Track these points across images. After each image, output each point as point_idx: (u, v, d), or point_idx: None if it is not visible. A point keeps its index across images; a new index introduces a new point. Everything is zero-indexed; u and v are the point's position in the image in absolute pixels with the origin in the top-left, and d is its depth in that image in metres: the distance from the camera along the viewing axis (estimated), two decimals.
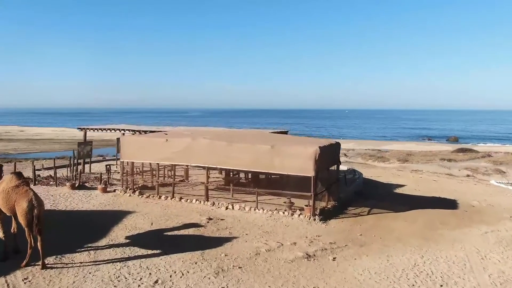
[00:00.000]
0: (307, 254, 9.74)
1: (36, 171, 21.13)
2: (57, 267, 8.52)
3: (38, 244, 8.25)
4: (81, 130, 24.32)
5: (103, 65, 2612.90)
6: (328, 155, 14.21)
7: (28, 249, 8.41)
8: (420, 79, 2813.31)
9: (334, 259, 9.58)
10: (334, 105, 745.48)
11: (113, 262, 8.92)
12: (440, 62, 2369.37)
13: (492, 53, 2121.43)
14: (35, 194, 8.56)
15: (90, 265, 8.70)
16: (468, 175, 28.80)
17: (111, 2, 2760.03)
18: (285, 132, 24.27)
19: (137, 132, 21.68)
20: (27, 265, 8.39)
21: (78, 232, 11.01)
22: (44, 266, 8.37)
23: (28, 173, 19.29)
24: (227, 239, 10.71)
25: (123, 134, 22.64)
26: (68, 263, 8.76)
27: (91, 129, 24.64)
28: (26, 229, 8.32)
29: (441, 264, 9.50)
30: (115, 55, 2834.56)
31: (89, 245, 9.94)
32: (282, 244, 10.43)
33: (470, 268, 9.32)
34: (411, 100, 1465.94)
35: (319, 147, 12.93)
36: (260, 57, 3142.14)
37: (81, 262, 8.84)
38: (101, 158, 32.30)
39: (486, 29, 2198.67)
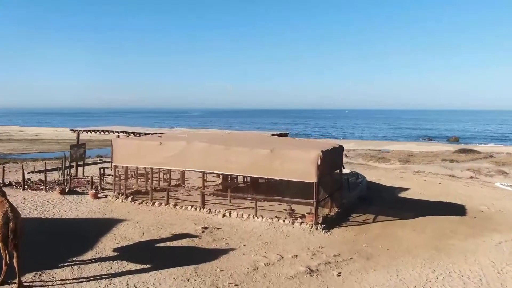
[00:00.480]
0: (309, 269, 8.98)
1: (28, 174, 20.42)
2: (35, 285, 7.77)
3: (14, 260, 7.48)
4: (74, 132, 23.55)
5: (103, 65, 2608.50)
6: (331, 159, 13.45)
7: (3, 266, 7.66)
8: (420, 79, 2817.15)
9: (339, 274, 8.83)
10: (334, 105, 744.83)
11: (97, 279, 8.16)
12: (440, 62, 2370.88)
13: (492, 53, 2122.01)
14: (11, 205, 7.80)
15: (72, 283, 7.94)
16: (471, 177, 28.07)
17: (111, 2, 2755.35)
18: (286, 135, 23.52)
19: (131, 134, 20.92)
20: (2, 283, 7.63)
21: (63, 243, 10.25)
22: (21, 285, 7.61)
23: (19, 176, 18.55)
24: (223, 252, 9.95)
25: (118, 136, 21.89)
26: (48, 281, 8.00)
27: (84, 131, 23.89)
28: (0, 244, 7.56)
29: (455, 279, 8.75)
30: (115, 55, 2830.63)
31: (73, 258, 9.17)
32: (283, 257, 9.68)
33: (487, 284, 8.57)
34: (411, 100, 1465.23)
35: (322, 151, 12.17)
36: (260, 57, 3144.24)
37: (62, 279, 8.07)
38: (98, 159, 31.57)
39: (486, 29, 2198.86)
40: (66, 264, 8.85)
